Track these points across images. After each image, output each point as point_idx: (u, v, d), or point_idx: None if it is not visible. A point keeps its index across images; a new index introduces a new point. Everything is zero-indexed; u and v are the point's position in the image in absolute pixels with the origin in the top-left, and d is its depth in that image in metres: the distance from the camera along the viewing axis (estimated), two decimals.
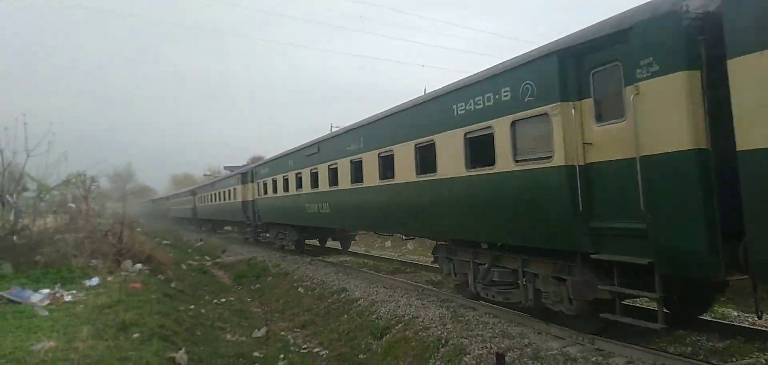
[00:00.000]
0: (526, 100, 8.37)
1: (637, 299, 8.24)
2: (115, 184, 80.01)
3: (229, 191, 33.48)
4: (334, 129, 17.95)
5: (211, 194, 40.19)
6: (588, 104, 7.51)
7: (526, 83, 8.34)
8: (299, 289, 16.36)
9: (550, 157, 7.87)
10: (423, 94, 12.07)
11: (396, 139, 12.63)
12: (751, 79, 5.36)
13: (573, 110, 7.58)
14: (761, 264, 5.53)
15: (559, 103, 7.71)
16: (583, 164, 7.52)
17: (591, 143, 7.45)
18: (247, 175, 29.60)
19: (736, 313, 9.74)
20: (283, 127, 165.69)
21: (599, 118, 7.36)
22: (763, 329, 8.46)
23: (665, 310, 7.25)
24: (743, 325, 8.67)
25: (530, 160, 8.40)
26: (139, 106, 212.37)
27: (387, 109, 13.66)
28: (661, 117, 6.32)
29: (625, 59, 6.83)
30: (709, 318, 9.17)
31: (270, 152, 31.13)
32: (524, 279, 9.35)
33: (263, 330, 11.16)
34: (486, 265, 10.24)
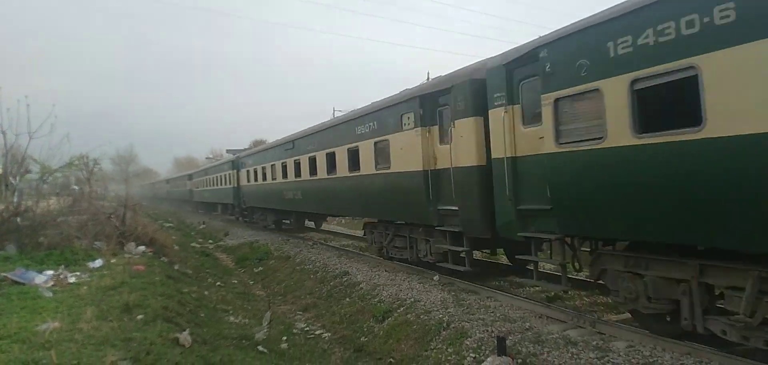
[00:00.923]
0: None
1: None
2: (118, 166, 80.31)
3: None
4: (336, 113, 20.46)
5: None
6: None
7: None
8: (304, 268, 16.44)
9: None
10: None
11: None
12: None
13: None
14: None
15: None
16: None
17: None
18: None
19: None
20: (285, 110, 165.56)
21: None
22: None
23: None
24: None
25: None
26: (142, 87, 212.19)
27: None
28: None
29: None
30: None
31: (272, 134, 32.31)
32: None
33: (267, 318, 11.23)
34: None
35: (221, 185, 37.43)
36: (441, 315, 9.45)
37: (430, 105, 11.83)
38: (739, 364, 6.11)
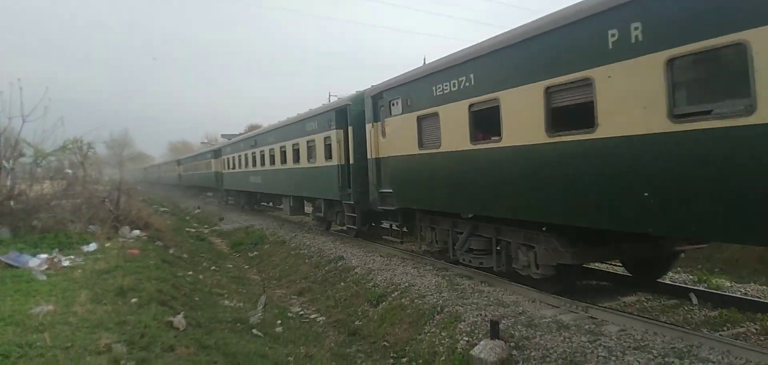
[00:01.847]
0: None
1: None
2: (112, 150, 79.93)
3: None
4: (332, 98, 22.34)
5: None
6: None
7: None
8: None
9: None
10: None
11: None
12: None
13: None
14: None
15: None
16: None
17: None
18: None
19: (729, 284, 9.84)
20: (281, 94, 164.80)
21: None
22: (756, 299, 8.56)
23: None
24: (736, 295, 8.77)
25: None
26: (137, 72, 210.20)
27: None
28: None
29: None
30: (702, 288, 9.27)
31: (267, 119, 33.16)
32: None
33: (262, 302, 11.26)
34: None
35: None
36: (435, 300, 9.49)
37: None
38: (728, 347, 6.17)
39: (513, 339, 7.36)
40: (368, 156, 14.43)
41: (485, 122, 9.76)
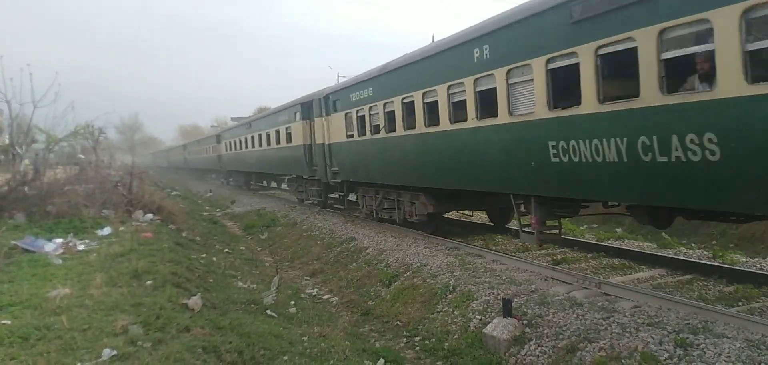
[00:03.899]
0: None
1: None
2: (123, 135, 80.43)
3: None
4: (340, 79, 23.91)
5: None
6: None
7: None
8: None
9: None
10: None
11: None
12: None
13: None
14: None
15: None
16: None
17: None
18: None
19: (744, 259, 9.75)
20: (289, 76, 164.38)
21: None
22: (764, 272, 8.48)
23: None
24: (752, 270, 8.68)
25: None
26: (146, 55, 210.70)
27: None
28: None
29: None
30: (717, 263, 9.20)
31: (276, 102, 33.61)
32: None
33: (275, 283, 11.33)
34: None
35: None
36: (447, 279, 9.50)
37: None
38: (743, 322, 6.13)
39: (526, 316, 7.36)
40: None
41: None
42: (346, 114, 16.42)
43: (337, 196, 19.92)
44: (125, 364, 5.47)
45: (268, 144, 25.93)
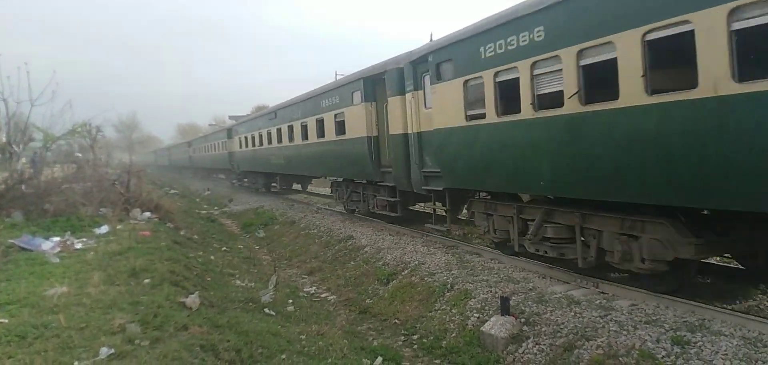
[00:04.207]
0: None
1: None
2: (121, 133, 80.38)
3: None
4: (339, 76, 20.85)
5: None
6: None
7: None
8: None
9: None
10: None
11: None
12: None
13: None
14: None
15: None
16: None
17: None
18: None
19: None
20: (287, 74, 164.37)
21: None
22: None
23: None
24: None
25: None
26: (143, 54, 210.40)
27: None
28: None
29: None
30: (715, 261, 9.21)
31: (274, 100, 32.75)
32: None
33: (273, 281, 11.32)
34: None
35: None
36: (445, 277, 9.51)
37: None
38: (740, 320, 6.14)
39: (523, 315, 7.37)
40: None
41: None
42: (466, 82, 10.01)
43: (428, 209, 14.25)
44: (123, 363, 5.47)
45: (304, 138, 20.13)
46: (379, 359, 7.30)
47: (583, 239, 8.52)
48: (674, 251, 6.95)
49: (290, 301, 10.30)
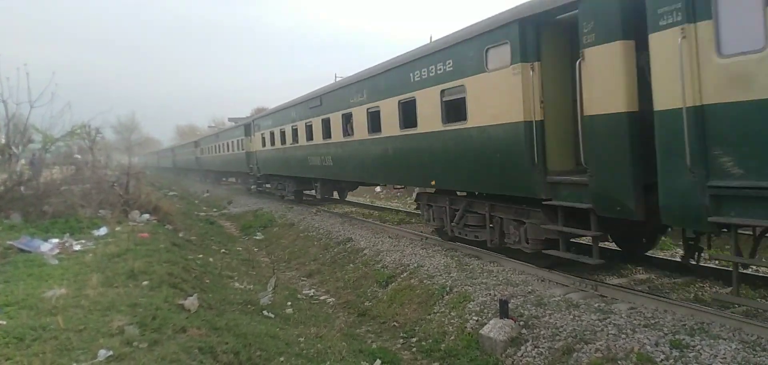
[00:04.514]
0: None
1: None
2: (120, 135, 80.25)
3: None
4: (337, 79, 19.70)
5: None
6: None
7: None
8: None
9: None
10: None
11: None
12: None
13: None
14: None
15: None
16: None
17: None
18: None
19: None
20: (286, 78, 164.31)
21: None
22: (767, 276, 8.50)
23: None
24: (748, 273, 8.70)
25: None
26: (142, 55, 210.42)
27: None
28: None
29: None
30: (713, 266, 9.21)
31: (273, 103, 32.21)
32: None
33: (272, 284, 11.32)
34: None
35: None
36: (444, 280, 9.51)
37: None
38: (739, 324, 6.14)
39: (522, 318, 7.37)
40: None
41: None
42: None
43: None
44: None
45: (373, 131, 14.39)
46: (378, 361, 7.30)
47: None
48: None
49: (289, 303, 10.30)
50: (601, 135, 7.58)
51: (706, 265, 9.23)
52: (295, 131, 21.44)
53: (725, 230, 6.50)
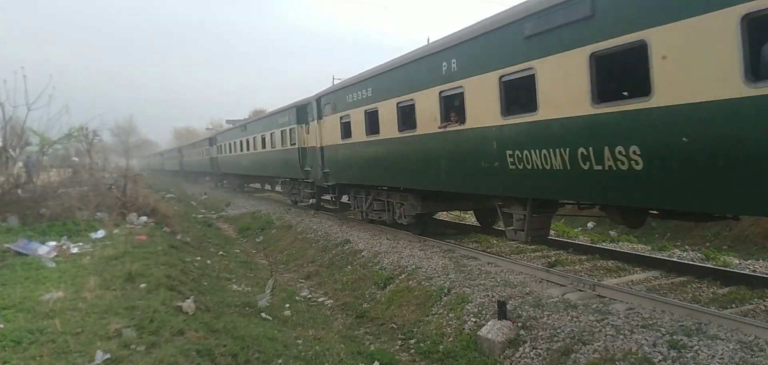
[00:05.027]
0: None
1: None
2: (118, 137, 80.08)
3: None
4: (335, 81, 20.04)
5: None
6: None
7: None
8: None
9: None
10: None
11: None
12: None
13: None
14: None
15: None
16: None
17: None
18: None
19: (737, 261, 9.79)
20: (284, 78, 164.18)
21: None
22: (764, 275, 8.51)
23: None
24: (745, 272, 8.72)
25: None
26: (140, 57, 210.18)
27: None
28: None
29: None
30: (711, 266, 9.23)
31: (271, 104, 32.28)
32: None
33: (270, 286, 11.32)
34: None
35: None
36: (442, 281, 9.50)
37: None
38: (736, 324, 6.15)
39: (520, 319, 7.37)
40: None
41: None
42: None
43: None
44: None
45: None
46: (376, 363, 7.29)
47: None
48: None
49: (287, 305, 10.29)
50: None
51: (703, 265, 9.26)
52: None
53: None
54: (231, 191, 39.62)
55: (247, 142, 29.75)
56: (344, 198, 18.34)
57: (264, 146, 26.47)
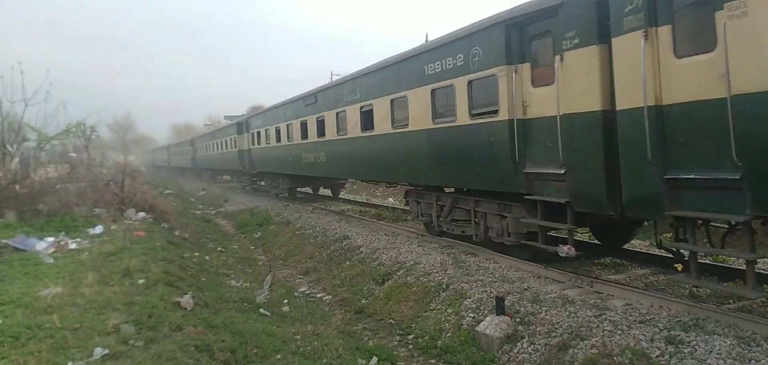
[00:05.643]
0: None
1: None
2: (116, 133, 79.97)
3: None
4: (334, 77, 19.95)
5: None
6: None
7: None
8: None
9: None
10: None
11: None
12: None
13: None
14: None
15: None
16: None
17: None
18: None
19: (734, 257, 9.78)
20: (282, 75, 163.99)
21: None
22: (762, 271, 8.53)
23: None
24: (742, 268, 8.72)
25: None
26: (137, 53, 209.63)
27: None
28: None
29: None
30: (708, 262, 9.25)
31: (269, 101, 31.87)
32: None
33: (268, 281, 11.32)
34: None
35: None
36: (440, 277, 9.52)
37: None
38: (734, 320, 6.17)
39: (518, 314, 7.38)
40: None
41: None
42: None
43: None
44: (117, 363, 5.45)
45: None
46: (375, 359, 7.30)
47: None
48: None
49: (285, 301, 10.29)
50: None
51: (703, 262, 9.26)
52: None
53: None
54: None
55: (306, 126, 20.18)
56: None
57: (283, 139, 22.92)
